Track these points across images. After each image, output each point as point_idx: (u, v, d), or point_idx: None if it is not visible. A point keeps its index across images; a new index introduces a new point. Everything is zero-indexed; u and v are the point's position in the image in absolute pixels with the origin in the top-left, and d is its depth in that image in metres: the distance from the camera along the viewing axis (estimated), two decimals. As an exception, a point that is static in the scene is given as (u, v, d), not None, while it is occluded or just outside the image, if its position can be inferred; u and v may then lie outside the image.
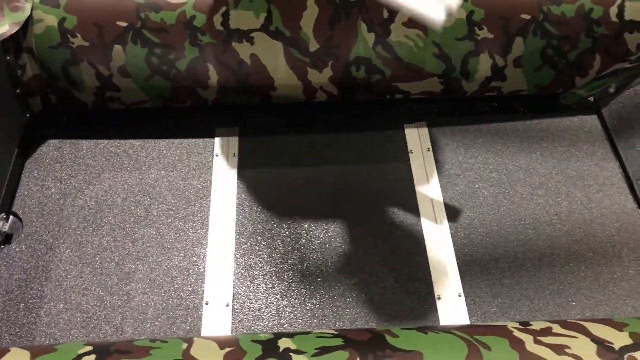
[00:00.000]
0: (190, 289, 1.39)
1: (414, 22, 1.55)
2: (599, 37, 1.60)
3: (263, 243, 1.46)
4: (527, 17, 1.57)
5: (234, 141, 1.65)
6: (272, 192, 1.55)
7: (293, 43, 1.57)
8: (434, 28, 1.31)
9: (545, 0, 1.57)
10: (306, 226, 1.49)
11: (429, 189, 1.56)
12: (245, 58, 1.57)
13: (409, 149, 1.65)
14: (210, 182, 1.56)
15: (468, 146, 1.66)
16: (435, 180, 1.58)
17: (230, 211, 1.52)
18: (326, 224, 1.50)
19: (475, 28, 1.58)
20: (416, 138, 1.67)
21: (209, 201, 1.53)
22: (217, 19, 1.53)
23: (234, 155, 1.63)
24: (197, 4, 1.52)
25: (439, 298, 1.38)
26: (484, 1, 1.56)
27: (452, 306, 1.37)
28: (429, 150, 1.64)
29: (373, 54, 1.59)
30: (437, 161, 1.62)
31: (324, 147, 1.65)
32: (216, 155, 1.62)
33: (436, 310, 1.36)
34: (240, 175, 1.58)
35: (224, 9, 1.52)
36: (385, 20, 1.56)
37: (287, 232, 1.48)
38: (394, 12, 1.55)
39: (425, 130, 1.69)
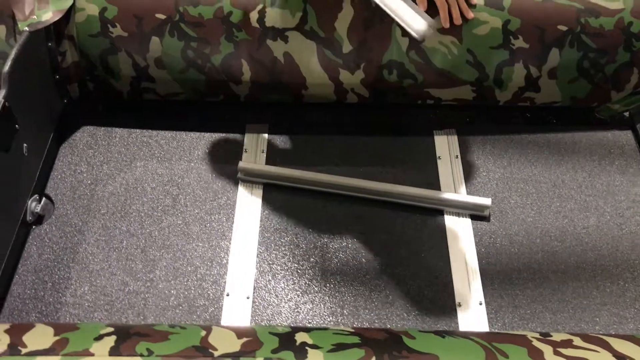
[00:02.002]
0: (212, 279, 1.40)
1: (449, 29, 1.55)
2: (637, 51, 1.57)
3: (286, 239, 1.47)
4: (564, 28, 1.55)
5: (263, 138, 1.67)
6: (297, 190, 1.56)
7: (327, 44, 1.58)
8: (416, 39, 1.41)
9: (583, 12, 1.55)
10: (330, 226, 1.50)
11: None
12: (279, 56, 1.59)
13: (437, 155, 1.64)
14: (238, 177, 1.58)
15: (497, 155, 1.65)
16: (462, 187, 1.58)
17: (256, 206, 1.53)
18: (349, 225, 1.50)
19: (511, 37, 1.57)
20: (445, 144, 1.66)
21: (236, 195, 1.55)
22: (254, 16, 1.55)
23: (263, 152, 1.64)
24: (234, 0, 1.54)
25: (459, 305, 1.37)
26: (520, 11, 1.55)
27: (472, 314, 1.35)
28: (457, 157, 1.63)
29: (406, 59, 1.59)
30: (465, 169, 1.61)
31: (352, 149, 1.65)
32: (245, 151, 1.64)
33: (456, 317, 1.35)
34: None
35: (260, 6, 1.54)
36: (420, 25, 1.56)
37: (310, 230, 1.49)
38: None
39: (454, 138, 1.68)
